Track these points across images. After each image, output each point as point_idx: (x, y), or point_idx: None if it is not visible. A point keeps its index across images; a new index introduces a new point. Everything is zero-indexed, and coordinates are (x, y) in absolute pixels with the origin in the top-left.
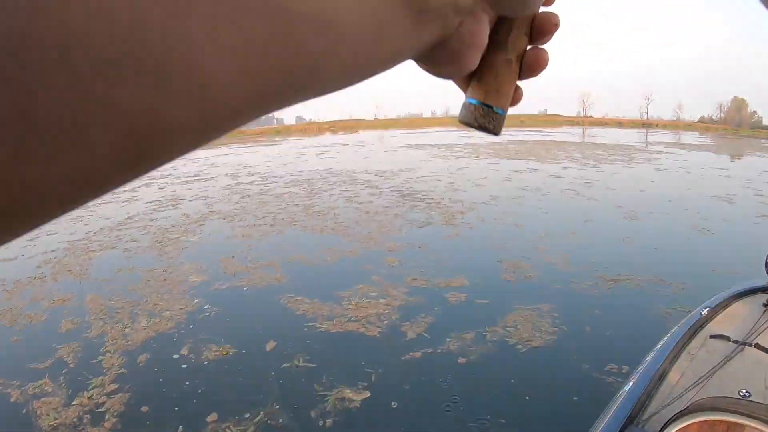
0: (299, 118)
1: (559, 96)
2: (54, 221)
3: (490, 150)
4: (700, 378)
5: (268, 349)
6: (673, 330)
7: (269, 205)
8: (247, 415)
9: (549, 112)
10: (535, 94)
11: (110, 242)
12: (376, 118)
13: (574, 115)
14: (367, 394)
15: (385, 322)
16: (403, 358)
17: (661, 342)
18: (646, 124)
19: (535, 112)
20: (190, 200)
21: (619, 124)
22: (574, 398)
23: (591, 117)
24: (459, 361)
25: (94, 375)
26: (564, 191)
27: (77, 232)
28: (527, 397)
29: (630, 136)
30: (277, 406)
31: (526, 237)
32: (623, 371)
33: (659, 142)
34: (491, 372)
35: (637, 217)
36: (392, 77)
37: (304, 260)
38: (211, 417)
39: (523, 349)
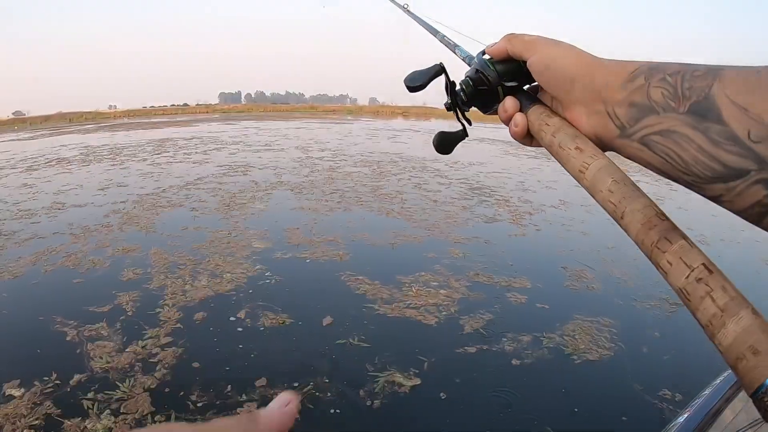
0: (373, 99)
1: None
2: (125, 174)
3: None
4: (755, 420)
5: (324, 324)
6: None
7: (337, 182)
8: (296, 385)
9: None
10: None
11: (178, 200)
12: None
13: None
14: (418, 381)
15: (444, 313)
16: (457, 351)
17: (721, 377)
18: None
19: None
20: (260, 168)
21: None
22: (623, 418)
23: None
24: (513, 362)
25: (150, 326)
26: None
27: (147, 187)
28: (576, 409)
29: None
30: (327, 380)
31: (592, 246)
32: (676, 399)
33: None
34: (543, 379)
35: (707, 242)
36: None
37: (368, 240)
38: (260, 381)
39: (578, 361)
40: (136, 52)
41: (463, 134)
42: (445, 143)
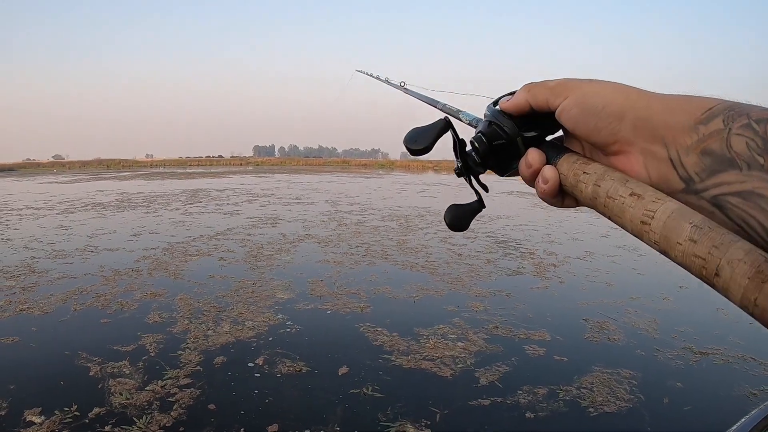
0: (404, 154)
1: None
2: (158, 222)
3: None
4: None
5: (340, 373)
6: (752, 412)
7: (364, 235)
8: (308, 431)
9: None
10: None
11: (207, 249)
12: None
13: None
14: None
15: (460, 365)
16: (470, 403)
17: (739, 423)
18: None
19: None
20: (289, 221)
21: None
22: None
23: None
24: (526, 415)
25: (171, 367)
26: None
27: (178, 236)
28: None
29: None
30: (338, 428)
31: (616, 297)
32: None
33: None
34: (557, 431)
35: None
36: None
37: (390, 294)
38: (273, 427)
39: (594, 413)
40: (175, 103)
41: (479, 205)
42: (459, 218)
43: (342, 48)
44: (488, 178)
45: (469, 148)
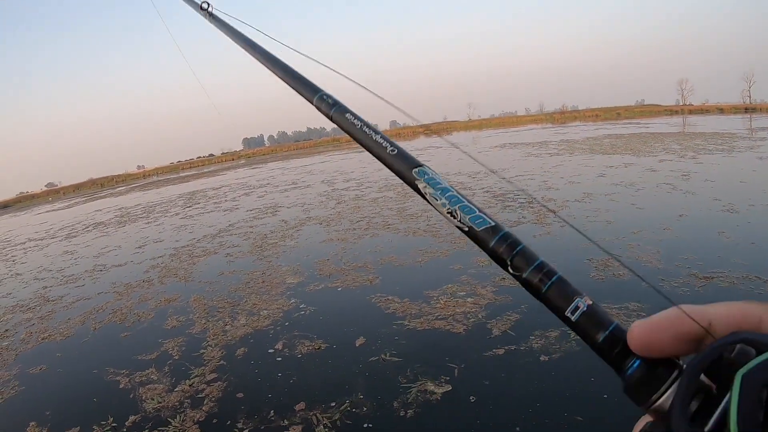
0: (393, 122)
1: (656, 85)
2: (160, 230)
3: (585, 146)
4: None
5: (357, 345)
6: None
7: (364, 209)
8: (333, 404)
9: (646, 103)
10: (631, 84)
11: (213, 248)
12: (470, 119)
13: (673, 104)
14: (449, 387)
15: (472, 320)
16: (485, 354)
17: None
18: (749, 109)
19: (632, 104)
20: (288, 207)
21: (720, 110)
22: None
23: (690, 105)
24: (541, 358)
25: (196, 366)
26: (659, 185)
27: (182, 240)
28: (605, 396)
29: (731, 123)
30: (362, 396)
31: (617, 234)
32: None
33: (763, 128)
34: (571, 370)
35: (735, 210)
36: (485, 77)
37: (396, 262)
38: (300, 405)
39: None
40: (158, 110)
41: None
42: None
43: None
44: (473, 135)
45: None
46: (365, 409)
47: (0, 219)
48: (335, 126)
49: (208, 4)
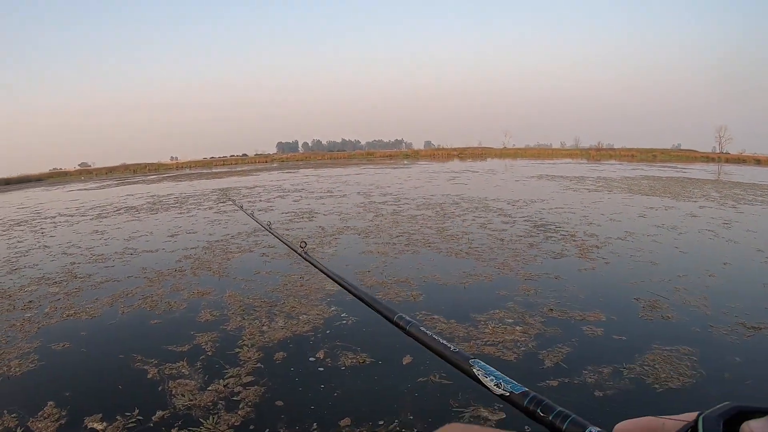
0: (428, 143)
1: (694, 130)
2: (193, 222)
3: (624, 185)
4: None
5: (404, 363)
6: None
7: (403, 225)
8: (381, 423)
9: (683, 147)
10: (669, 127)
11: (248, 246)
12: (504, 147)
13: (709, 150)
14: (503, 415)
15: (522, 348)
16: (539, 384)
17: None
18: None
19: (668, 147)
20: (325, 215)
21: (757, 161)
22: None
23: (727, 153)
24: (595, 393)
25: (231, 365)
26: (701, 231)
27: (215, 234)
28: None
29: None
30: (411, 417)
31: (663, 276)
32: None
33: None
34: (626, 408)
35: None
36: (522, 105)
37: (440, 281)
38: (344, 421)
39: (660, 389)
40: (197, 105)
41: None
42: None
43: (358, 40)
44: (508, 162)
45: None
46: (416, 430)
47: (32, 191)
48: (370, 140)
49: (306, 243)
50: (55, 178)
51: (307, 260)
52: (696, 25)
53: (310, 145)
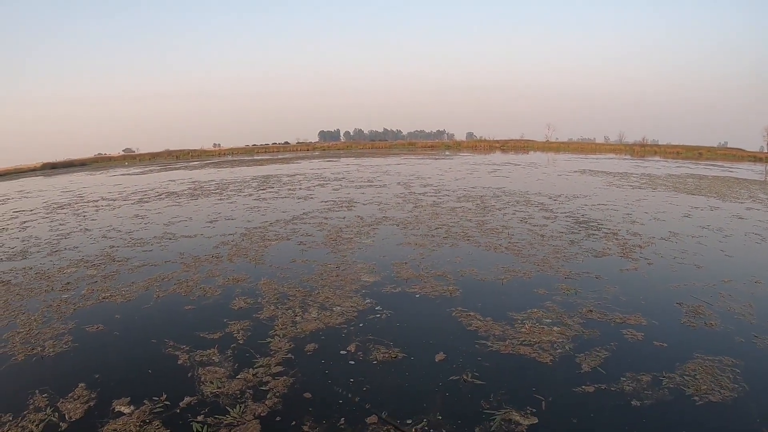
0: (470, 134)
1: (742, 128)
2: (233, 208)
3: (669, 183)
4: None
5: (437, 360)
6: None
7: (442, 217)
8: (409, 422)
9: (729, 145)
10: (715, 125)
11: (286, 234)
12: (547, 140)
13: (757, 149)
14: (535, 420)
15: (559, 350)
16: (574, 390)
17: None
18: None
19: (714, 145)
20: (364, 204)
21: None
22: None
23: None
24: (633, 403)
25: (261, 355)
26: (748, 234)
27: (254, 221)
28: None
29: None
30: (440, 417)
31: (707, 280)
32: None
33: None
34: (664, 421)
35: None
36: (566, 99)
37: (477, 276)
38: (372, 419)
39: (700, 402)
40: (240, 92)
41: None
42: None
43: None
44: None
45: None
46: (444, 431)
47: (77, 176)
48: (412, 130)
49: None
50: (100, 163)
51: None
52: (742, 20)
53: (351, 134)
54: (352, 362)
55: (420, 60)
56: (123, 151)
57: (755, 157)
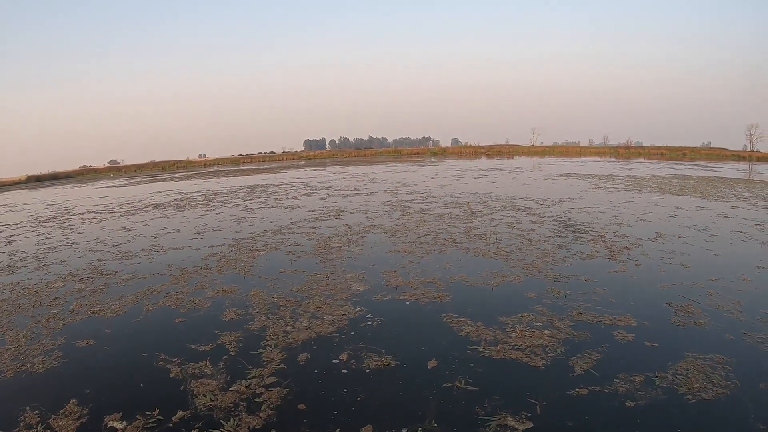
0: (455, 140)
1: (724, 128)
2: (220, 219)
3: (654, 184)
4: None
5: (429, 367)
6: None
7: (430, 224)
8: (404, 430)
9: (713, 145)
10: (699, 125)
11: (274, 244)
12: (533, 145)
13: (740, 149)
14: (530, 424)
15: (551, 354)
16: (568, 393)
17: None
18: None
19: (698, 145)
20: (352, 213)
21: None
22: None
23: (758, 152)
24: (627, 404)
25: (254, 366)
26: (734, 233)
27: (242, 232)
28: None
29: None
30: (435, 425)
31: (695, 279)
32: None
33: None
34: (658, 421)
35: None
36: (550, 103)
37: (467, 281)
38: (367, 428)
39: (693, 400)
40: (224, 102)
41: None
42: None
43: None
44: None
45: None
46: None
47: (62, 188)
48: (397, 137)
49: None
50: (85, 175)
51: None
52: (725, 21)
53: (337, 142)
54: (345, 371)
55: (404, 67)
56: (108, 162)
57: (739, 156)
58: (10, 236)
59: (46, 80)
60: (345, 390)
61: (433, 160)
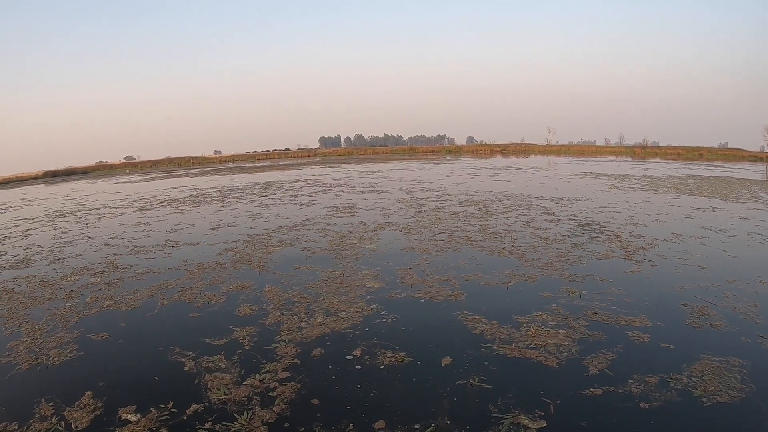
0: (470, 138)
1: (741, 128)
2: (235, 215)
3: (670, 184)
4: None
5: (443, 364)
6: None
7: (445, 221)
8: (417, 426)
9: (729, 146)
10: (716, 125)
11: (289, 240)
12: (548, 143)
13: (758, 149)
14: (544, 423)
15: (565, 353)
16: (582, 392)
17: None
18: None
19: (715, 145)
20: (366, 210)
21: None
22: None
23: None
24: (641, 405)
25: (268, 360)
26: (751, 234)
27: (257, 228)
28: None
29: None
30: (449, 422)
31: (711, 281)
32: None
33: None
34: (672, 423)
35: None
36: (566, 102)
37: (482, 280)
38: (379, 423)
39: (708, 403)
40: (240, 99)
41: None
42: None
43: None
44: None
45: None
46: None
47: (78, 184)
48: (413, 135)
49: None
50: (101, 171)
51: None
52: (743, 20)
53: (352, 139)
54: (359, 367)
55: (421, 66)
56: (124, 158)
57: (756, 157)
58: (27, 230)
59: (65, 80)
60: (358, 386)
61: (448, 158)
